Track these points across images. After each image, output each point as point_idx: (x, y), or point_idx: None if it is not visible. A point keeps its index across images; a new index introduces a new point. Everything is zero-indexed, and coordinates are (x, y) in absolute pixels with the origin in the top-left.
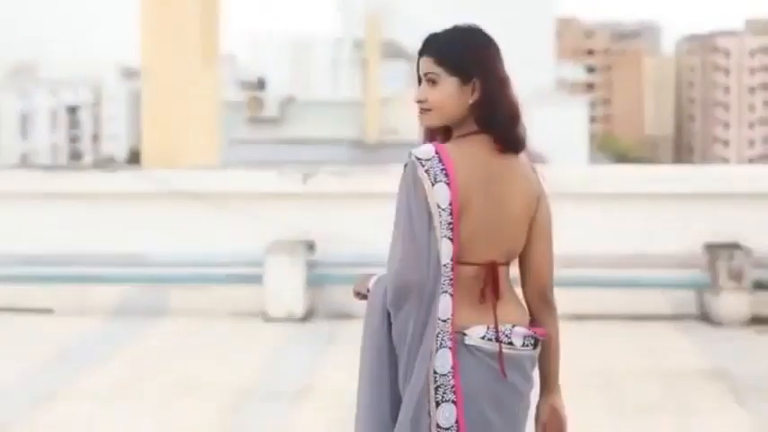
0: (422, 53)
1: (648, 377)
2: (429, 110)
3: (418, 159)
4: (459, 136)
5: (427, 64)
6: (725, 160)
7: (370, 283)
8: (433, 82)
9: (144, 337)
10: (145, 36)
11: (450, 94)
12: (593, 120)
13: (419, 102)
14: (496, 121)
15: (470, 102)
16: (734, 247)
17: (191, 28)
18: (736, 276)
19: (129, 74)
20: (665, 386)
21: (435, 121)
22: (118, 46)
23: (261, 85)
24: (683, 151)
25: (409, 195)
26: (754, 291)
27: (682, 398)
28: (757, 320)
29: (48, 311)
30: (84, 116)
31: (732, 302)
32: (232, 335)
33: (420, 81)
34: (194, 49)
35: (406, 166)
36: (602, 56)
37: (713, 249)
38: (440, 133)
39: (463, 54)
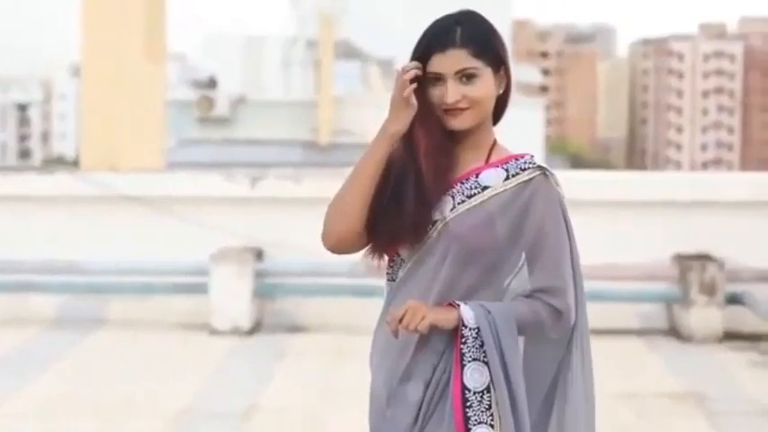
0: (446, 46)
1: (616, 397)
2: (466, 109)
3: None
4: (494, 140)
5: (460, 58)
6: (677, 164)
7: (466, 319)
8: (470, 77)
9: (81, 349)
10: (85, 33)
11: (490, 88)
12: (546, 122)
13: (455, 102)
14: (500, 117)
15: (497, 94)
16: (706, 258)
17: (134, 25)
18: (709, 290)
19: (80, 72)
20: (634, 408)
21: (472, 121)
22: (69, 43)
23: (211, 84)
24: (635, 154)
25: (568, 223)
26: (727, 305)
27: (653, 421)
28: (730, 337)
29: None
30: (34, 114)
31: (704, 317)
32: (174, 348)
33: (438, 80)
34: (137, 46)
35: (535, 178)
36: (555, 58)
37: (684, 261)
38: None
39: (495, 41)
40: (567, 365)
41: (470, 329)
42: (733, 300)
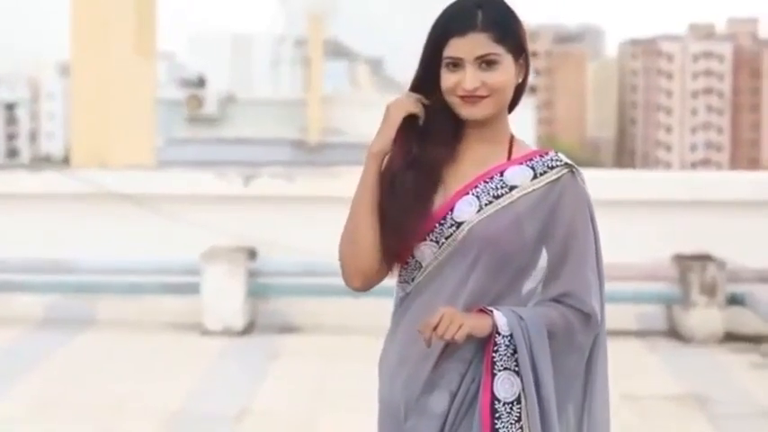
0: (466, 30)
1: (617, 399)
2: (485, 97)
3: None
4: (512, 134)
5: (481, 42)
6: (667, 164)
7: (500, 326)
8: (490, 63)
9: (69, 350)
10: (74, 30)
11: (511, 77)
12: (536, 122)
13: (474, 89)
14: (514, 107)
15: (517, 83)
16: (706, 258)
17: (123, 23)
18: (710, 290)
19: (69, 70)
20: (634, 409)
21: (490, 110)
22: (57, 41)
23: (200, 82)
24: (624, 154)
25: (595, 223)
26: (728, 306)
27: (653, 423)
28: (731, 338)
29: None
30: (22, 113)
31: (704, 318)
32: (165, 349)
33: (456, 65)
34: (127, 44)
35: (563, 177)
36: (544, 58)
37: (684, 261)
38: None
39: (517, 26)
40: (593, 371)
41: (503, 337)
42: (734, 300)
